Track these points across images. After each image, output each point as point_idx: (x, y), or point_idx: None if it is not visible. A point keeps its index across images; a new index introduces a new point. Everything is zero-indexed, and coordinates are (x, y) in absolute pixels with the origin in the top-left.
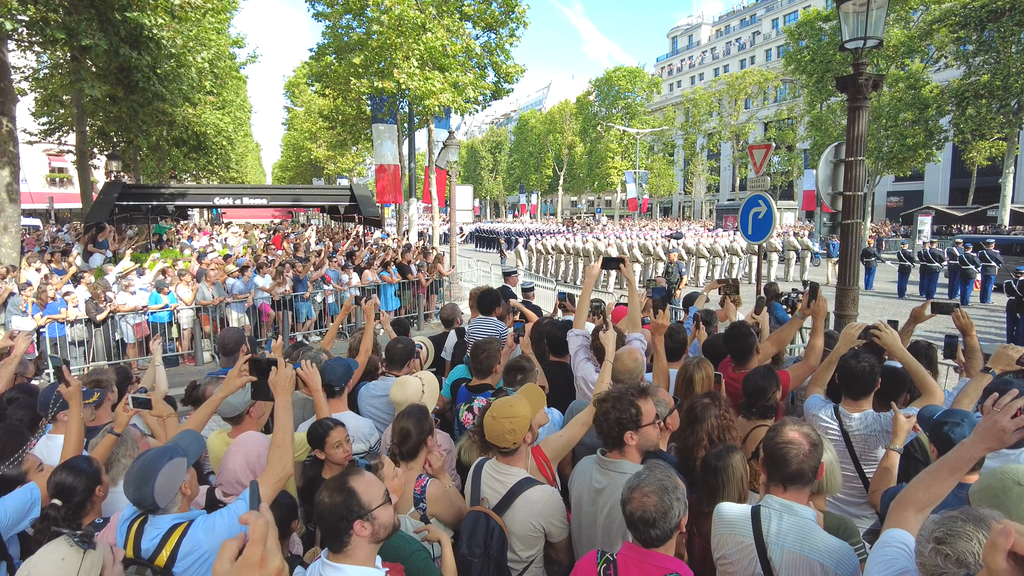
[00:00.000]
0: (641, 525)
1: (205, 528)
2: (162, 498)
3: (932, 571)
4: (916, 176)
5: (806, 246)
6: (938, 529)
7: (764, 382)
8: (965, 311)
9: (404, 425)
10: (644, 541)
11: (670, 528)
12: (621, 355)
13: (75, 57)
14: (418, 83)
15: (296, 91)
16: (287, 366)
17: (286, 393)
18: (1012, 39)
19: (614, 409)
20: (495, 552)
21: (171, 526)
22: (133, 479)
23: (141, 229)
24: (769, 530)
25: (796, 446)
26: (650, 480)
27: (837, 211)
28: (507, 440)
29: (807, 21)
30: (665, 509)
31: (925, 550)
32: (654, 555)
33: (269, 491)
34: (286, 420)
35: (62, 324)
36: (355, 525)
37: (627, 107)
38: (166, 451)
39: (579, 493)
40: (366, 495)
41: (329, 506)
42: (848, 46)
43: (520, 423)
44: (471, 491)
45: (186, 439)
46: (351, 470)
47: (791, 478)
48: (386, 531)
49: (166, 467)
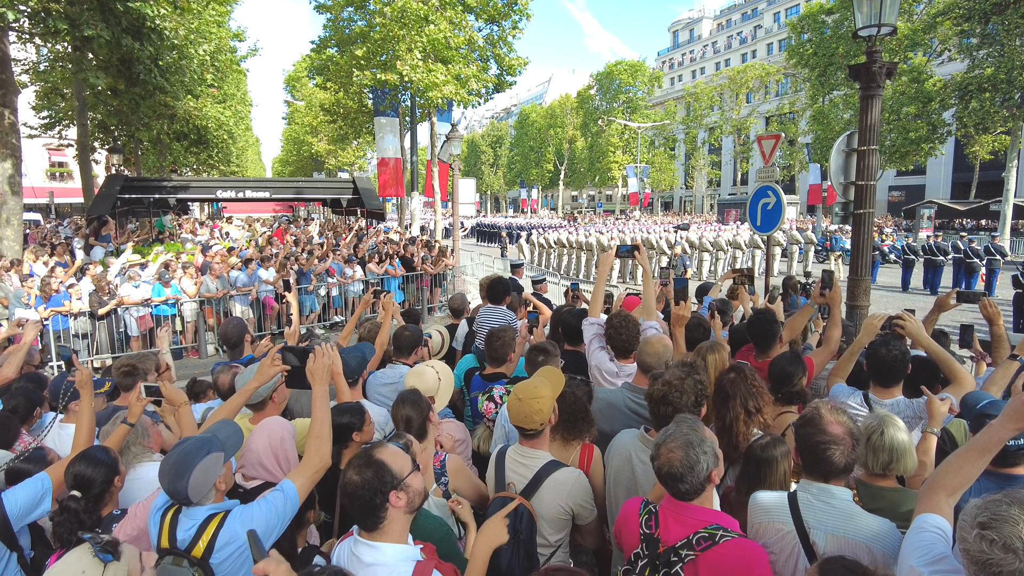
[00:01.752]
0: (670, 480)
1: (243, 520)
2: (196, 493)
3: (977, 557)
4: (918, 170)
5: (809, 240)
6: (982, 514)
7: (791, 367)
8: (992, 300)
9: (405, 413)
10: (676, 495)
11: (699, 482)
12: (650, 339)
13: (77, 48)
14: (421, 75)
15: (297, 85)
16: (326, 354)
17: (323, 382)
18: (1016, 32)
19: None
20: (524, 537)
21: (207, 516)
22: (168, 471)
23: (143, 223)
24: (809, 515)
25: (840, 444)
26: (676, 435)
27: (849, 200)
28: (534, 421)
29: (810, 14)
30: (692, 463)
31: (969, 536)
32: (693, 508)
33: (306, 482)
34: (323, 410)
35: (66, 317)
36: (391, 496)
37: (628, 101)
38: (203, 444)
39: (618, 468)
40: (396, 464)
41: (360, 483)
42: (862, 33)
43: (546, 403)
44: (495, 478)
45: (224, 431)
46: (373, 445)
47: (835, 474)
48: (420, 498)
49: (203, 462)
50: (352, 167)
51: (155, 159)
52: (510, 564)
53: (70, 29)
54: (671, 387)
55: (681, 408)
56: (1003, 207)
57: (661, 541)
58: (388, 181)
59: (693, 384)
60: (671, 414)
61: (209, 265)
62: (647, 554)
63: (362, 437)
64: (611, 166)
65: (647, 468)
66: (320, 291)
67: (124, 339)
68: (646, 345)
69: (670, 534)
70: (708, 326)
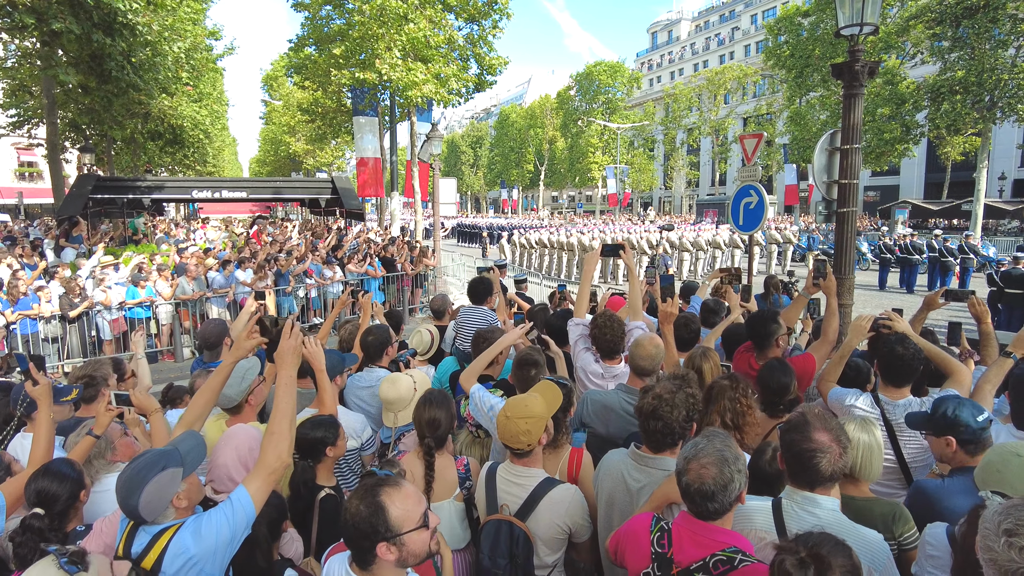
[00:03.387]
0: (699, 498)
1: (193, 531)
2: (148, 512)
3: (1007, 567)
4: (892, 171)
5: (788, 239)
6: (1006, 520)
7: (785, 378)
8: (980, 299)
9: (433, 415)
10: (700, 514)
11: (729, 501)
12: (642, 341)
13: (45, 43)
14: (400, 74)
15: (274, 84)
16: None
17: (291, 367)
18: (986, 36)
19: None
20: (521, 560)
21: (161, 529)
22: (120, 488)
23: (116, 224)
24: (793, 524)
25: (826, 453)
26: (709, 450)
27: (832, 199)
28: (521, 441)
29: (786, 16)
30: (725, 481)
31: (996, 545)
32: (711, 528)
33: (262, 486)
34: (287, 401)
35: (35, 320)
36: (379, 548)
37: (607, 102)
38: (159, 459)
39: (611, 490)
40: (397, 514)
41: (353, 518)
42: (844, 32)
43: (536, 424)
44: (486, 498)
45: (187, 444)
46: (387, 480)
47: (821, 483)
48: (416, 559)
49: (156, 479)
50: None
51: (128, 159)
52: None
53: (37, 23)
54: (662, 401)
55: (672, 423)
56: (974, 207)
57: (675, 562)
58: (368, 181)
59: (684, 398)
60: (661, 429)
61: (185, 266)
62: (659, 574)
63: (335, 452)
64: (591, 166)
65: (641, 486)
66: (299, 292)
67: (97, 343)
68: (638, 348)
69: (684, 555)
70: (696, 326)
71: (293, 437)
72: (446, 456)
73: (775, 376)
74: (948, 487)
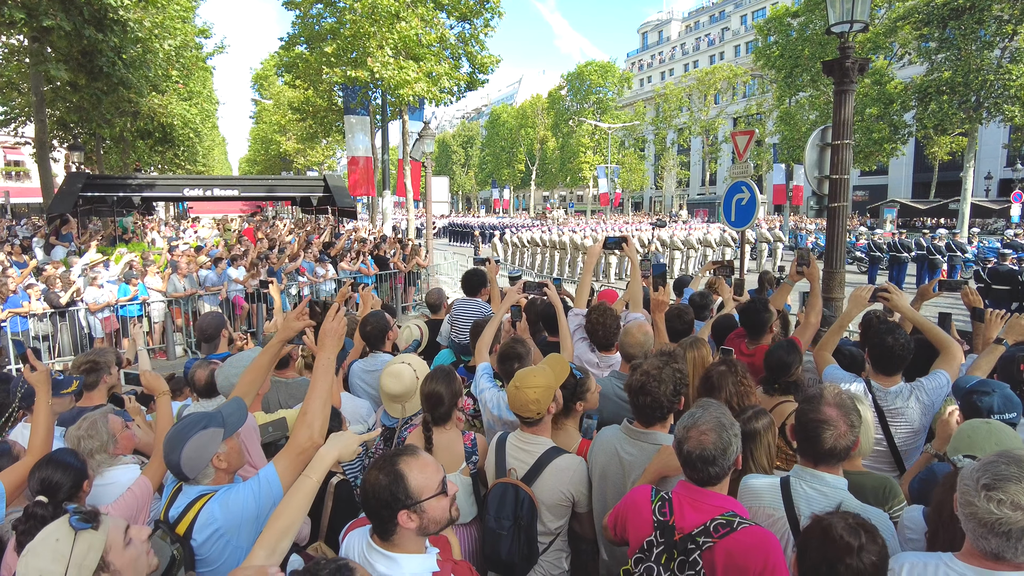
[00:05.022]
0: (700, 464)
1: (221, 502)
2: (189, 468)
3: (986, 519)
4: (881, 171)
5: (778, 238)
6: (984, 476)
7: (789, 357)
8: (973, 288)
9: (434, 388)
10: (701, 480)
11: (728, 465)
12: (630, 329)
13: (35, 39)
14: (392, 72)
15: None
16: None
17: (331, 349)
18: (972, 37)
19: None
20: (525, 523)
21: (197, 495)
22: (166, 443)
23: (106, 223)
24: (801, 502)
25: (832, 427)
26: (707, 418)
27: (823, 195)
28: (531, 410)
29: (776, 17)
30: (724, 446)
31: (976, 500)
32: (709, 494)
33: (290, 464)
34: (324, 383)
35: (25, 318)
36: (400, 515)
37: (598, 102)
38: (201, 419)
39: (604, 464)
40: (416, 482)
41: (373, 488)
42: (834, 30)
43: (544, 393)
44: (495, 464)
45: (229, 407)
46: (405, 450)
47: (823, 457)
48: (437, 526)
49: (197, 436)
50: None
51: (117, 158)
52: (510, 551)
53: (28, 19)
54: (649, 376)
55: (660, 397)
56: (961, 206)
57: (677, 528)
58: (359, 180)
59: (672, 373)
60: (650, 404)
61: (176, 264)
62: (662, 541)
63: None
64: (582, 166)
65: (633, 458)
66: (291, 290)
67: (88, 341)
68: (627, 335)
69: (685, 521)
70: (689, 317)
71: (327, 418)
72: (454, 431)
73: (777, 354)
74: None
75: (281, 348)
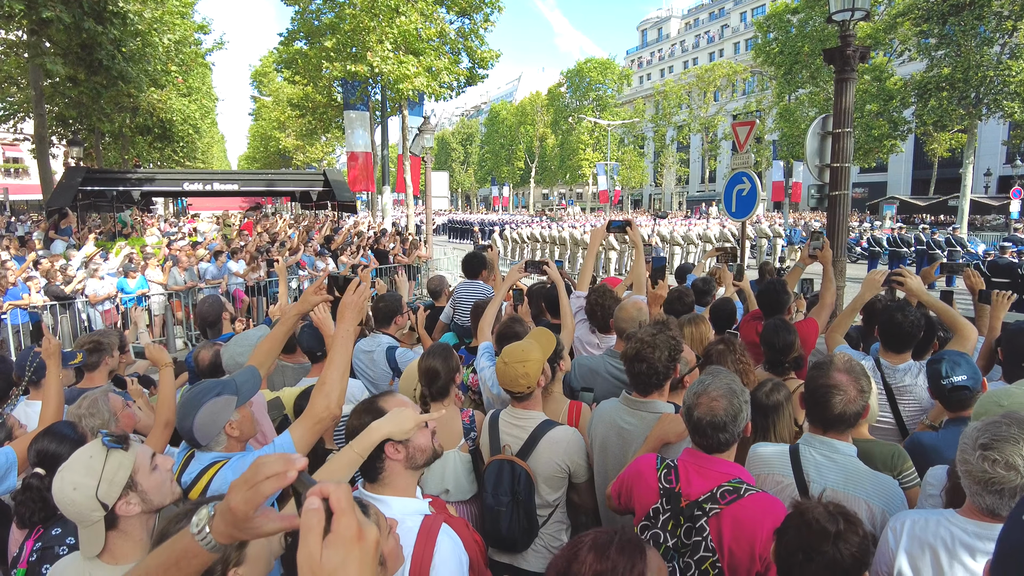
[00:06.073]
0: (710, 430)
1: (235, 469)
2: (202, 434)
3: (980, 477)
4: (880, 168)
5: (777, 233)
6: (982, 436)
7: (790, 336)
8: (975, 271)
9: (430, 364)
10: (710, 447)
11: (738, 432)
12: (624, 304)
13: (34, 31)
14: (392, 67)
15: (264, 80)
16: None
17: (350, 321)
18: (972, 33)
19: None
20: (523, 498)
21: (210, 462)
22: (179, 409)
23: (105, 218)
24: (811, 469)
25: (842, 392)
26: (717, 384)
27: (824, 183)
28: (521, 384)
29: (775, 13)
30: (735, 412)
31: (972, 458)
32: (716, 461)
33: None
34: (343, 353)
35: (25, 311)
36: (386, 448)
37: (598, 99)
38: (215, 386)
39: (604, 435)
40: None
41: (357, 428)
42: (836, 18)
43: (533, 367)
44: (489, 441)
45: (243, 376)
46: (380, 393)
47: (832, 422)
48: (424, 456)
49: (209, 403)
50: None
51: (116, 155)
52: (510, 527)
53: (27, 11)
54: (644, 344)
55: (655, 363)
56: (960, 203)
57: (683, 495)
58: (358, 176)
59: (666, 340)
60: (646, 371)
61: (176, 258)
62: (668, 509)
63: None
64: (582, 164)
65: (634, 428)
66: (291, 284)
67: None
68: (620, 311)
69: (692, 487)
70: (690, 299)
71: (344, 389)
72: (452, 408)
73: (779, 334)
74: (944, 438)
75: (297, 320)
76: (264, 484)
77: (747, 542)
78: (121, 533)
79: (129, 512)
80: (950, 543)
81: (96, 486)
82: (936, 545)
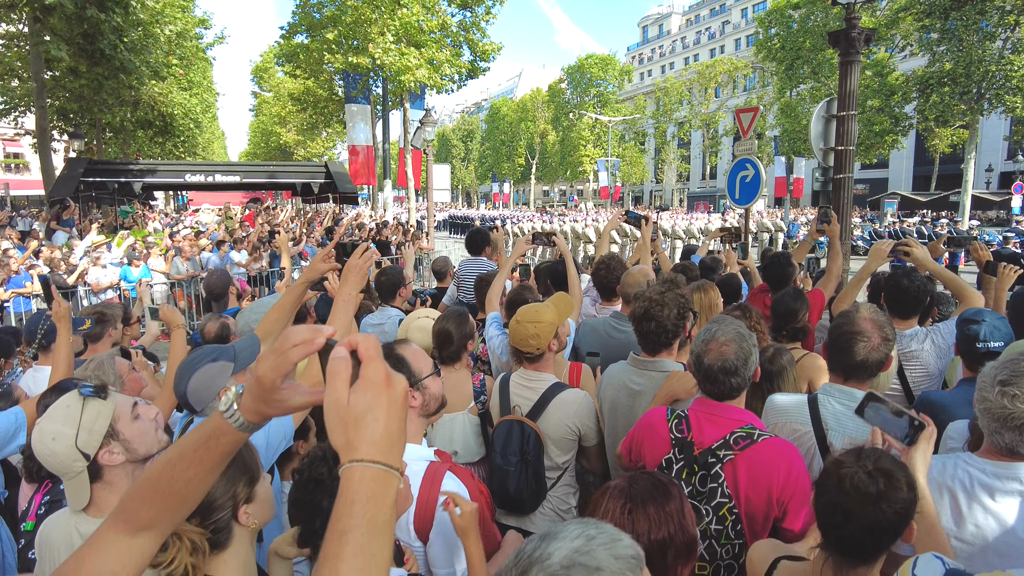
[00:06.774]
0: (722, 375)
1: None
2: (195, 399)
3: (999, 413)
4: (881, 164)
5: (779, 227)
6: (1001, 372)
7: (795, 304)
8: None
9: (444, 327)
10: (721, 393)
11: (749, 376)
12: (631, 271)
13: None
14: (393, 59)
15: (264, 76)
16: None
17: (353, 284)
18: (973, 28)
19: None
20: (532, 458)
21: None
22: (176, 374)
23: (106, 211)
24: (829, 417)
25: (866, 338)
26: (725, 330)
27: (829, 166)
28: (531, 345)
29: (776, 9)
30: (745, 356)
31: (990, 395)
32: (726, 408)
33: None
34: (345, 317)
35: (28, 299)
36: None
37: (599, 95)
38: (212, 351)
39: (613, 397)
40: (416, 363)
41: None
42: (840, 1)
43: (544, 328)
44: (499, 403)
45: (242, 343)
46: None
47: (853, 369)
48: (436, 403)
49: (206, 367)
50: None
51: (117, 149)
52: (518, 487)
53: None
54: (652, 302)
55: (664, 322)
56: (962, 198)
57: (696, 444)
58: (359, 170)
59: (674, 297)
60: (655, 329)
61: (180, 249)
62: (681, 457)
63: None
64: (582, 160)
65: (642, 388)
66: (293, 275)
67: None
68: (627, 277)
69: (704, 436)
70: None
71: None
72: (463, 371)
73: (783, 301)
74: (955, 396)
75: (306, 289)
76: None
77: (763, 487)
78: (106, 484)
79: (112, 462)
80: (968, 484)
81: (75, 435)
82: (954, 487)
